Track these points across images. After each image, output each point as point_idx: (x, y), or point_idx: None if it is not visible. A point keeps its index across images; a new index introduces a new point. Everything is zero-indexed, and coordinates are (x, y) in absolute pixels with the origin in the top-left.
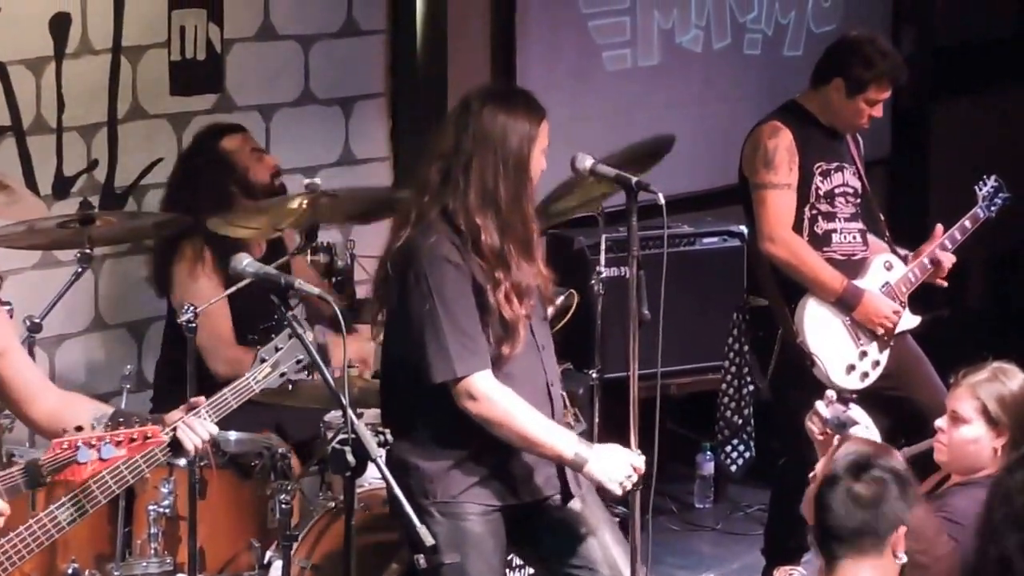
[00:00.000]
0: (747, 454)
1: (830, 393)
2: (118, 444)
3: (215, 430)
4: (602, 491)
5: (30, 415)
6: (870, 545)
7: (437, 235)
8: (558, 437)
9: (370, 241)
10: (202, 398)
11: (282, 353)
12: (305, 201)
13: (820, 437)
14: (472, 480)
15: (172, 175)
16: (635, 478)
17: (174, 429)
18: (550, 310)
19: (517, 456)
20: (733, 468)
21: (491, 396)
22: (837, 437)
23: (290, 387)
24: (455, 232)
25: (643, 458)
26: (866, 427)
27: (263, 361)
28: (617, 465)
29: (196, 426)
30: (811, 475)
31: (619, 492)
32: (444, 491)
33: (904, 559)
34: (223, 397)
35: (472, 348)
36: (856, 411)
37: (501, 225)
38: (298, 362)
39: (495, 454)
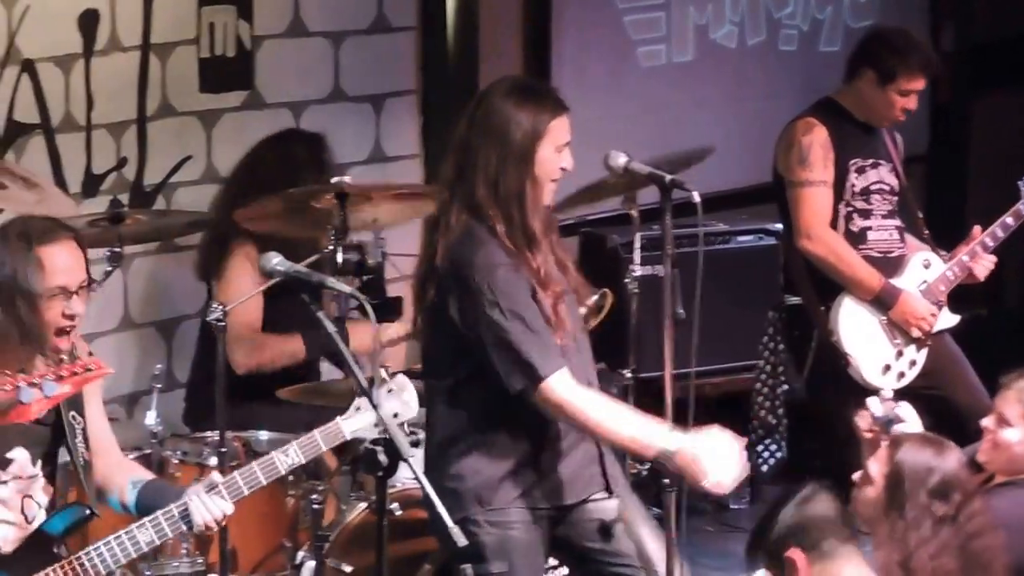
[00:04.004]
0: (779, 454)
1: (886, 392)
2: (60, 379)
3: (229, 509)
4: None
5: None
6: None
7: (482, 243)
8: (644, 433)
9: (401, 239)
10: (216, 475)
11: (380, 405)
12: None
13: (868, 435)
14: (520, 489)
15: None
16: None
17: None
18: (582, 310)
19: (563, 460)
20: (764, 468)
21: (574, 394)
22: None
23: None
24: (490, 229)
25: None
26: (912, 426)
27: (358, 409)
28: (704, 461)
29: (210, 504)
30: (857, 476)
31: (709, 489)
32: (493, 501)
33: None
34: (312, 439)
35: (548, 348)
36: (904, 409)
37: (505, 218)
38: (395, 415)
39: (543, 460)
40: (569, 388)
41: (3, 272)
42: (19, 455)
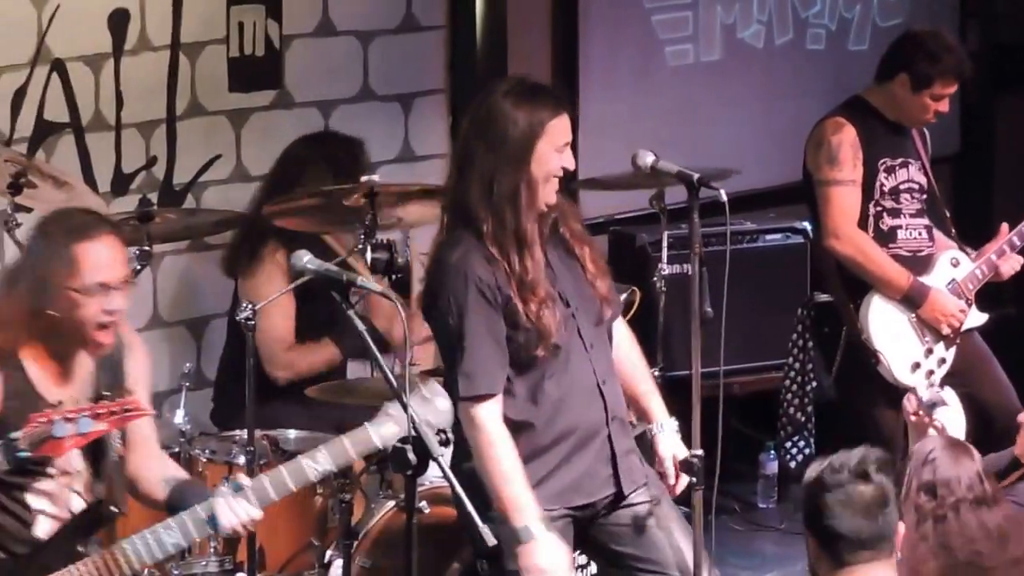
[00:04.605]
0: (807, 450)
1: (935, 378)
2: (97, 417)
3: (257, 514)
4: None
5: (130, 463)
6: (886, 546)
7: (463, 247)
8: (522, 500)
9: (430, 238)
10: (244, 477)
11: (389, 433)
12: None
13: (913, 418)
14: (532, 486)
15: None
16: None
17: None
18: (606, 310)
19: (570, 461)
20: (792, 464)
21: (483, 426)
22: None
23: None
24: (475, 231)
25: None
26: (954, 409)
27: (389, 415)
28: (549, 562)
29: (236, 507)
30: None
31: None
32: None
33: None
34: (341, 445)
35: (478, 373)
36: (947, 393)
37: (497, 218)
38: (427, 423)
39: (549, 462)
40: (486, 418)
41: (44, 268)
42: None
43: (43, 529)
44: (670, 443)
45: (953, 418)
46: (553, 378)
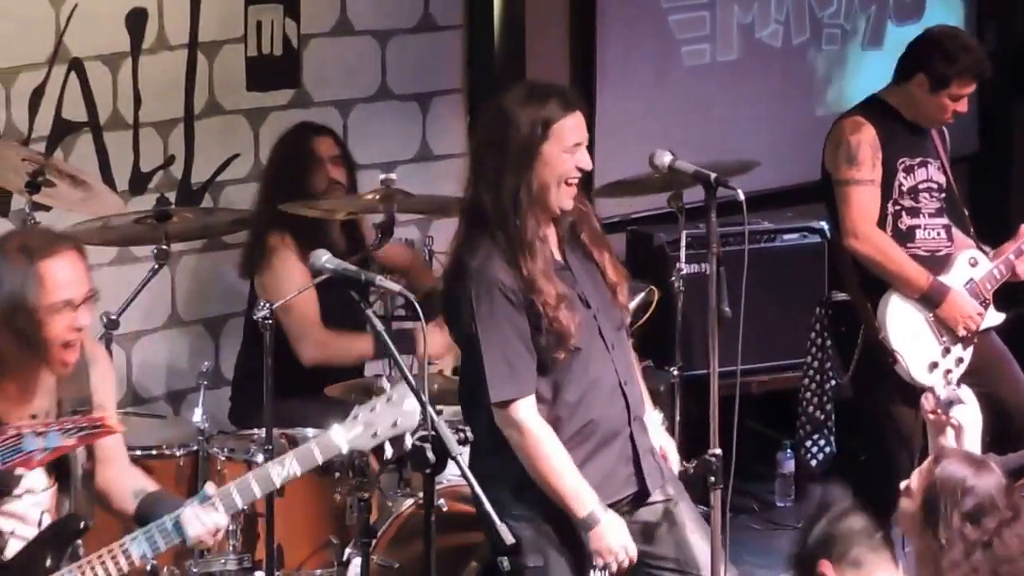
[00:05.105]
0: (827, 449)
1: (952, 377)
2: (66, 432)
3: (223, 522)
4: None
5: (102, 477)
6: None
7: (483, 251)
8: (580, 490)
9: (449, 237)
10: (210, 486)
11: (378, 415)
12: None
13: (931, 416)
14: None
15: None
16: (621, 565)
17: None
18: (632, 304)
19: (593, 460)
20: (813, 463)
21: (523, 427)
22: (933, 450)
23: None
24: (491, 235)
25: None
26: (971, 408)
27: (355, 419)
28: (618, 542)
29: (203, 516)
30: (903, 486)
31: (601, 570)
32: (527, 498)
33: None
34: (308, 450)
35: (510, 374)
36: (964, 391)
37: (503, 222)
38: (394, 425)
39: (575, 459)
40: (524, 419)
41: (4, 289)
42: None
43: (14, 550)
44: (656, 435)
45: (970, 416)
46: (575, 379)
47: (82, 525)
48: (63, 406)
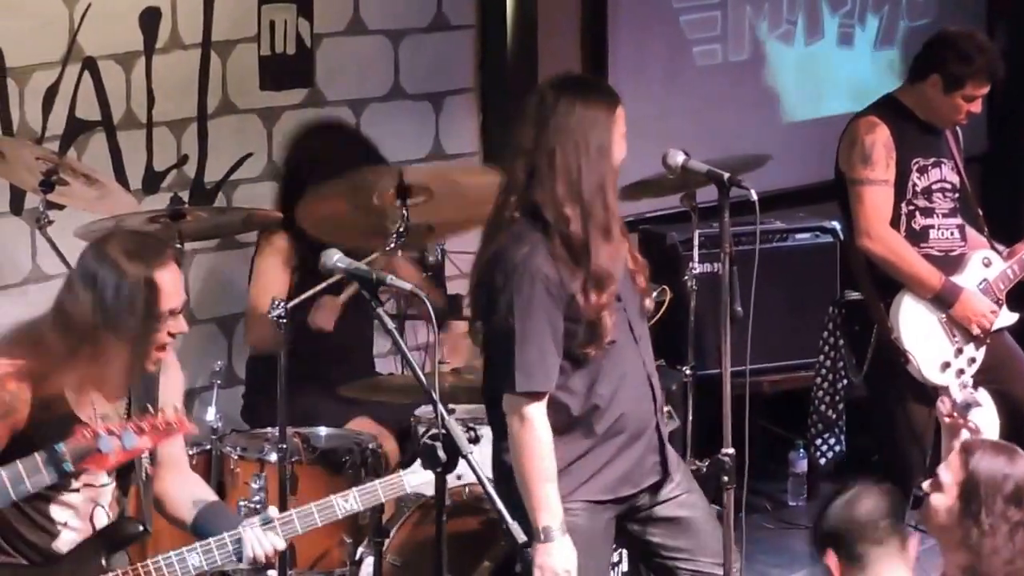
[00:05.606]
0: (837, 447)
1: (967, 378)
2: (140, 432)
3: (281, 546)
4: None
5: (157, 482)
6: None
7: (529, 244)
8: (552, 500)
9: (461, 238)
10: (273, 509)
11: (419, 482)
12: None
13: (947, 419)
14: (581, 480)
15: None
16: None
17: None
18: (648, 302)
19: (623, 453)
20: (823, 461)
21: (533, 423)
22: (956, 438)
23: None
24: (543, 230)
25: None
26: (987, 410)
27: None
28: (562, 565)
29: (263, 540)
30: (924, 485)
31: None
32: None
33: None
34: (373, 488)
35: (541, 367)
36: (981, 394)
37: (584, 214)
38: (458, 477)
39: (603, 453)
40: (536, 416)
41: (120, 295)
42: None
43: (66, 542)
44: None
45: (987, 419)
46: (608, 372)
47: (141, 529)
48: (132, 405)
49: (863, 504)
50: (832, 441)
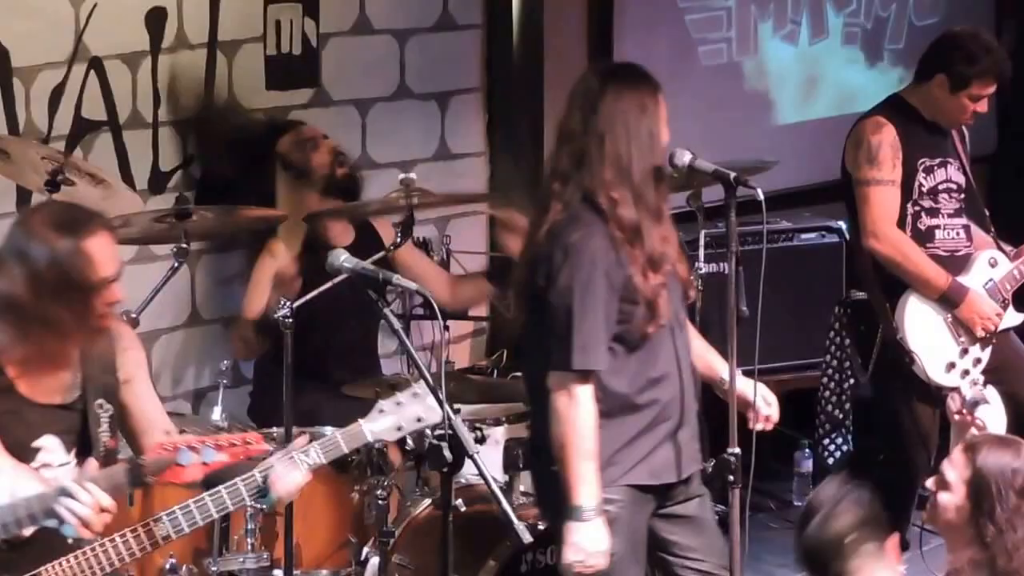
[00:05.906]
0: (844, 447)
1: (971, 378)
2: (220, 448)
3: (302, 480)
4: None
5: (142, 447)
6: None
7: (586, 226)
8: (591, 479)
9: (466, 236)
10: (305, 437)
11: (403, 408)
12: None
13: (956, 417)
14: (625, 468)
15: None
16: (585, 571)
17: (266, 472)
18: (691, 292)
19: (668, 440)
20: (830, 461)
21: (582, 402)
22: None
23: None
24: (597, 212)
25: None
26: (996, 407)
27: (381, 412)
28: (594, 547)
29: (286, 476)
30: (930, 483)
31: (571, 566)
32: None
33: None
34: (334, 440)
35: (592, 349)
36: (990, 392)
37: (635, 198)
38: (418, 420)
39: (649, 441)
40: (586, 395)
41: (51, 265)
42: (48, 443)
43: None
44: (745, 384)
45: (995, 416)
46: (659, 357)
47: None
48: (88, 381)
49: (836, 522)
50: (839, 441)
